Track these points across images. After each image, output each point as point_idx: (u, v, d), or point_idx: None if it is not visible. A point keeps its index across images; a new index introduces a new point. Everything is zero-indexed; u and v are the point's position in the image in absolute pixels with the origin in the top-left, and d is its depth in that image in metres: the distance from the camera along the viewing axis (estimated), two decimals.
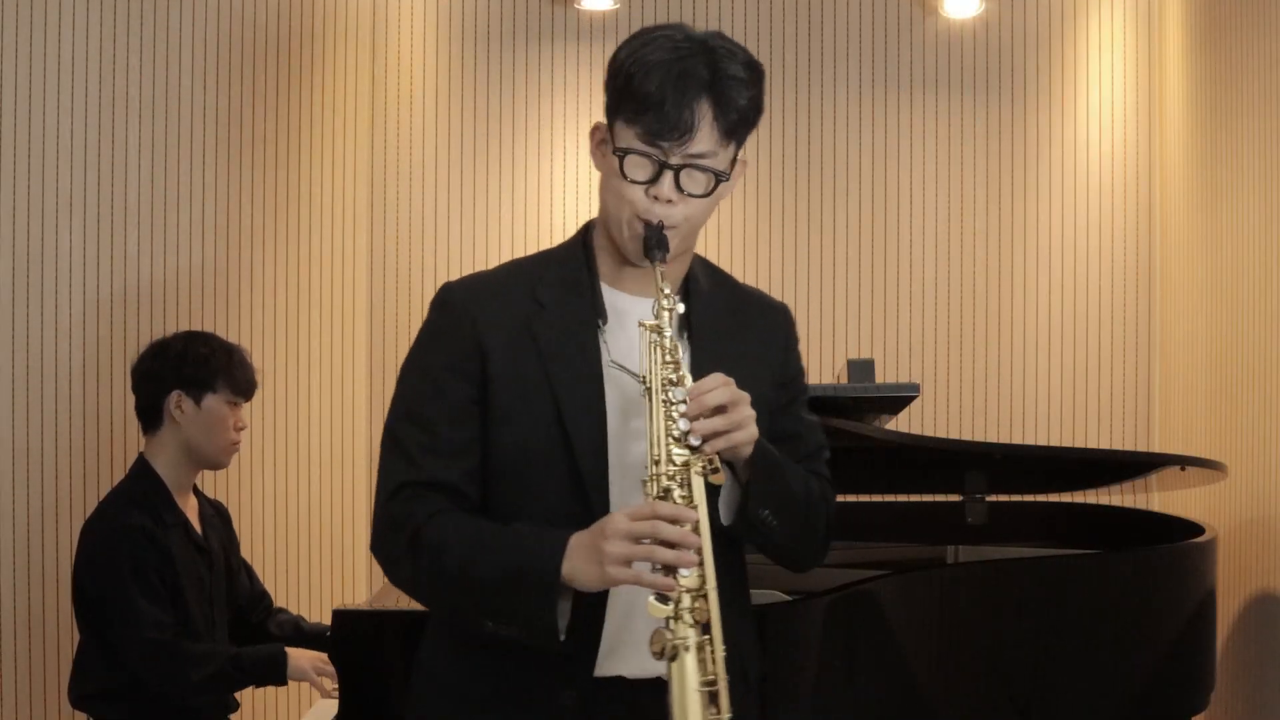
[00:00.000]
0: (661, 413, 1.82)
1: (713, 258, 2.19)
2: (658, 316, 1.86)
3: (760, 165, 5.00)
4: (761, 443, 1.89)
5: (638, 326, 1.88)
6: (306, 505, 4.51)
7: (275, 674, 3.14)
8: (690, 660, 1.76)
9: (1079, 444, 4.95)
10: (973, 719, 3.13)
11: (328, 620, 3.09)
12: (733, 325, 2.03)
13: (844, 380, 3.45)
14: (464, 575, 1.87)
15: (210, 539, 3.24)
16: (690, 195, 1.90)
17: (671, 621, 1.77)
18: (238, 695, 3.27)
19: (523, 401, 1.93)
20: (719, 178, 1.91)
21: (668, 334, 1.85)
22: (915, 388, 3.37)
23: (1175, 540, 3.60)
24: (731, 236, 4.97)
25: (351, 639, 2.80)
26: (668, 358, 1.84)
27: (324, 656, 3.20)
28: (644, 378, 1.85)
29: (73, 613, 3.18)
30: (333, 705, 2.94)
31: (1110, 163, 5.01)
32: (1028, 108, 5.02)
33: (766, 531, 1.92)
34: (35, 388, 3.51)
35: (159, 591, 3.03)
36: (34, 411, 3.51)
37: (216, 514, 3.34)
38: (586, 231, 2.05)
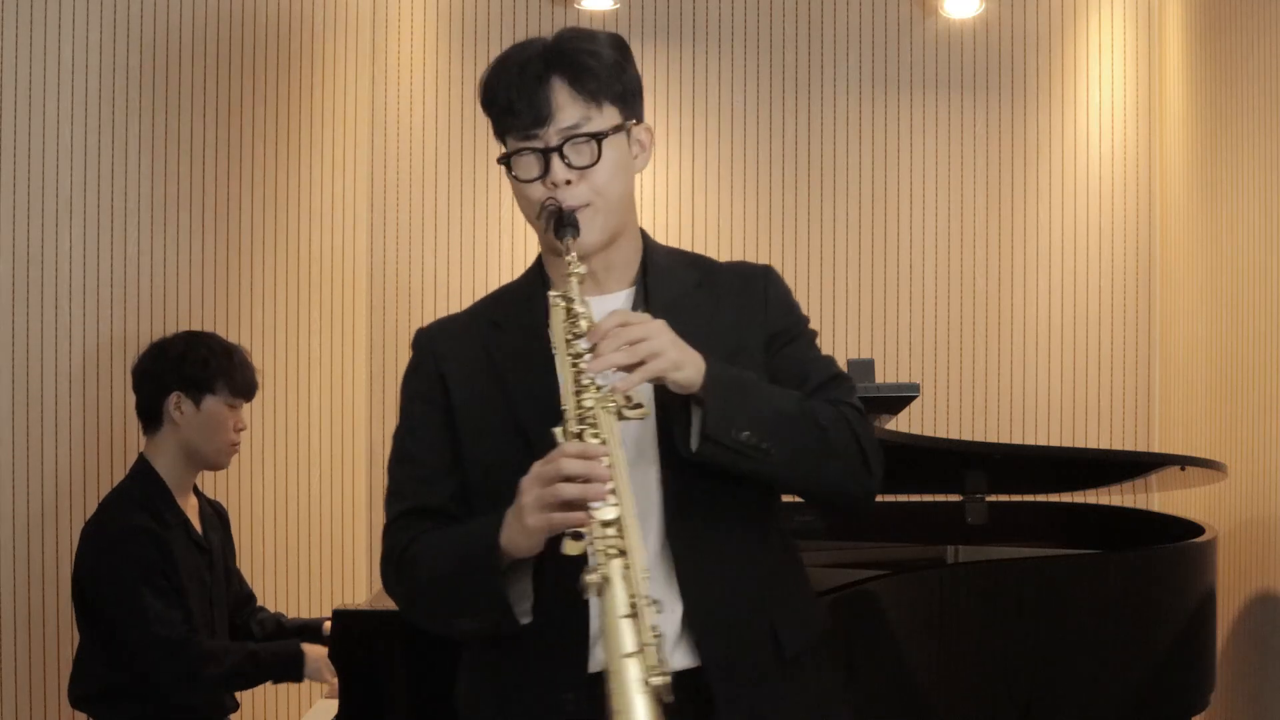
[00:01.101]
0: (568, 365, 1.82)
1: (713, 256, 2.18)
2: (569, 278, 1.88)
3: (760, 165, 5.00)
4: (719, 368, 1.87)
5: (549, 296, 1.90)
6: (306, 505, 4.51)
7: (293, 671, 3.13)
8: (619, 590, 1.70)
9: (1079, 444, 4.95)
10: (972, 719, 3.13)
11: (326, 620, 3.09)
12: (701, 299, 2.03)
13: None
14: (430, 579, 1.93)
15: (211, 539, 3.24)
16: (583, 168, 1.93)
17: (590, 559, 1.73)
18: (238, 695, 3.27)
19: (484, 417, 1.98)
20: (597, 138, 1.93)
21: (574, 296, 1.87)
22: (915, 388, 3.37)
23: (1175, 540, 3.60)
24: (732, 236, 4.97)
25: (351, 639, 2.80)
26: (570, 316, 1.86)
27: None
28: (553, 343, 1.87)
29: (73, 613, 3.17)
30: (333, 705, 2.94)
31: (1110, 163, 5.01)
32: (1028, 108, 5.02)
33: (758, 456, 1.87)
34: (35, 388, 3.51)
35: (165, 590, 3.03)
36: (34, 411, 3.51)
37: (216, 515, 3.34)
38: (540, 258, 2.10)
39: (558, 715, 1.91)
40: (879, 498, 2.05)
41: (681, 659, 1.93)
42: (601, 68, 1.96)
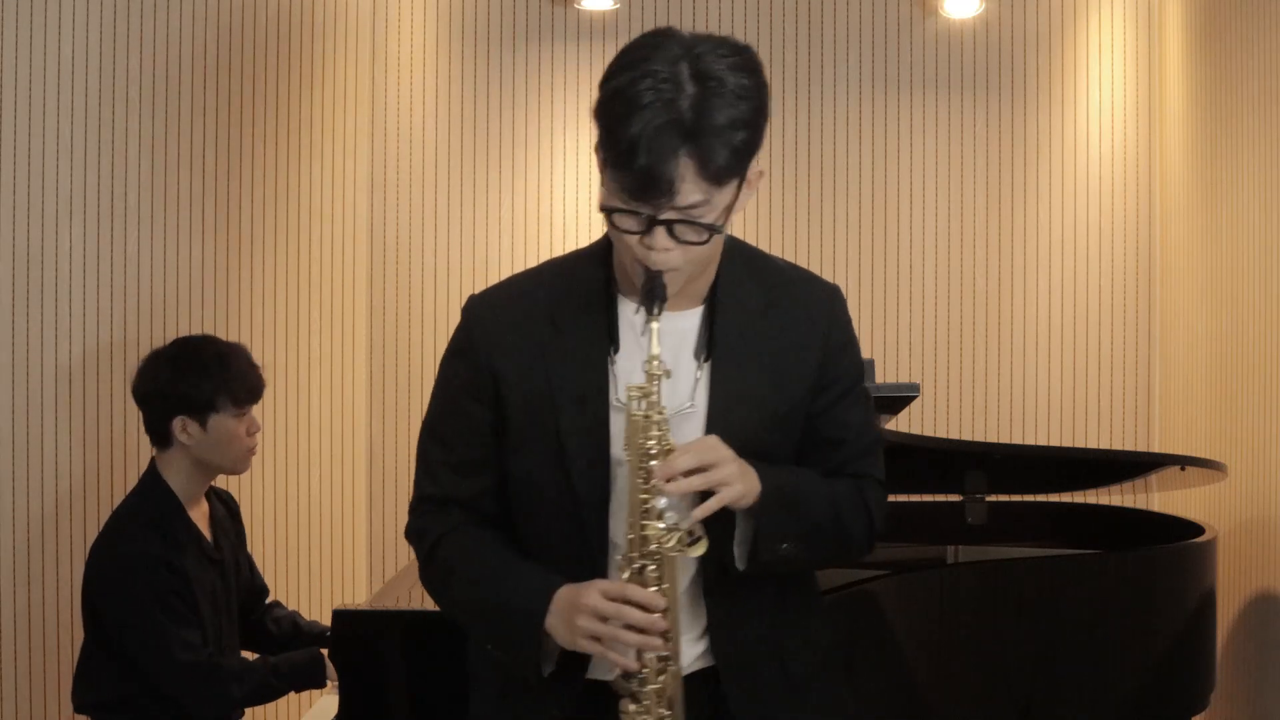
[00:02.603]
0: (637, 486, 1.81)
1: None
2: (650, 379, 1.81)
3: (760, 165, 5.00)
4: (773, 486, 1.87)
5: (626, 391, 1.83)
6: (306, 505, 4.51)
7: (316, 678, 3.09)
8: None
9: (1079, 444, 4.95)
10: (972, 719, 3.13)
11: (327, 620, 3.08)
12: (767, 325, 1.98)
13: None
14: (467, 599, 1.96)
15: (222, 546, 3.17)
16: (688, 243, 1.83)
17: (634, 702, 1.81)
18: None
19: (531, 433, 1.94)
20: (713, 230, 1.82)
21: (654, 399, 1.81)
22: (915, 388, 3.38)
23: (1175, 540, 3.60)
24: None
25: (351, 639, 2.80)
26: (652, 431, 1.81)
27: None
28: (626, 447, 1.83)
29: (77, 618, 3.16)
30: (333, 705, 2.94)
31: (1110, 163, 5.01)
32: (1028, 108, 5.02)
33: (788, 560, 1.92)
34: (35, 388, 3.50)
35: (182, 613, 2.96)
36: (34, 412, 3.50)
37: (227, 512, 3.28)
38: (606, 239, 2.00)
39: None
40: None
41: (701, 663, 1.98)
42: (739, 148, 1.81)
